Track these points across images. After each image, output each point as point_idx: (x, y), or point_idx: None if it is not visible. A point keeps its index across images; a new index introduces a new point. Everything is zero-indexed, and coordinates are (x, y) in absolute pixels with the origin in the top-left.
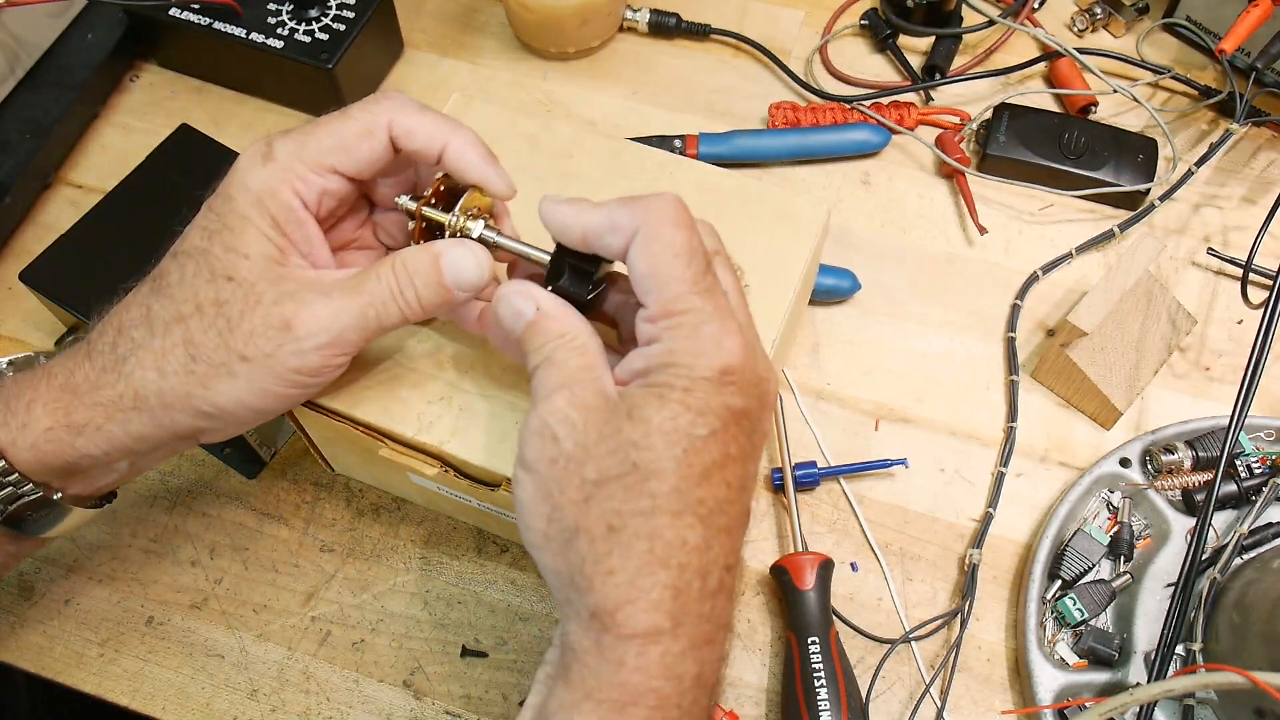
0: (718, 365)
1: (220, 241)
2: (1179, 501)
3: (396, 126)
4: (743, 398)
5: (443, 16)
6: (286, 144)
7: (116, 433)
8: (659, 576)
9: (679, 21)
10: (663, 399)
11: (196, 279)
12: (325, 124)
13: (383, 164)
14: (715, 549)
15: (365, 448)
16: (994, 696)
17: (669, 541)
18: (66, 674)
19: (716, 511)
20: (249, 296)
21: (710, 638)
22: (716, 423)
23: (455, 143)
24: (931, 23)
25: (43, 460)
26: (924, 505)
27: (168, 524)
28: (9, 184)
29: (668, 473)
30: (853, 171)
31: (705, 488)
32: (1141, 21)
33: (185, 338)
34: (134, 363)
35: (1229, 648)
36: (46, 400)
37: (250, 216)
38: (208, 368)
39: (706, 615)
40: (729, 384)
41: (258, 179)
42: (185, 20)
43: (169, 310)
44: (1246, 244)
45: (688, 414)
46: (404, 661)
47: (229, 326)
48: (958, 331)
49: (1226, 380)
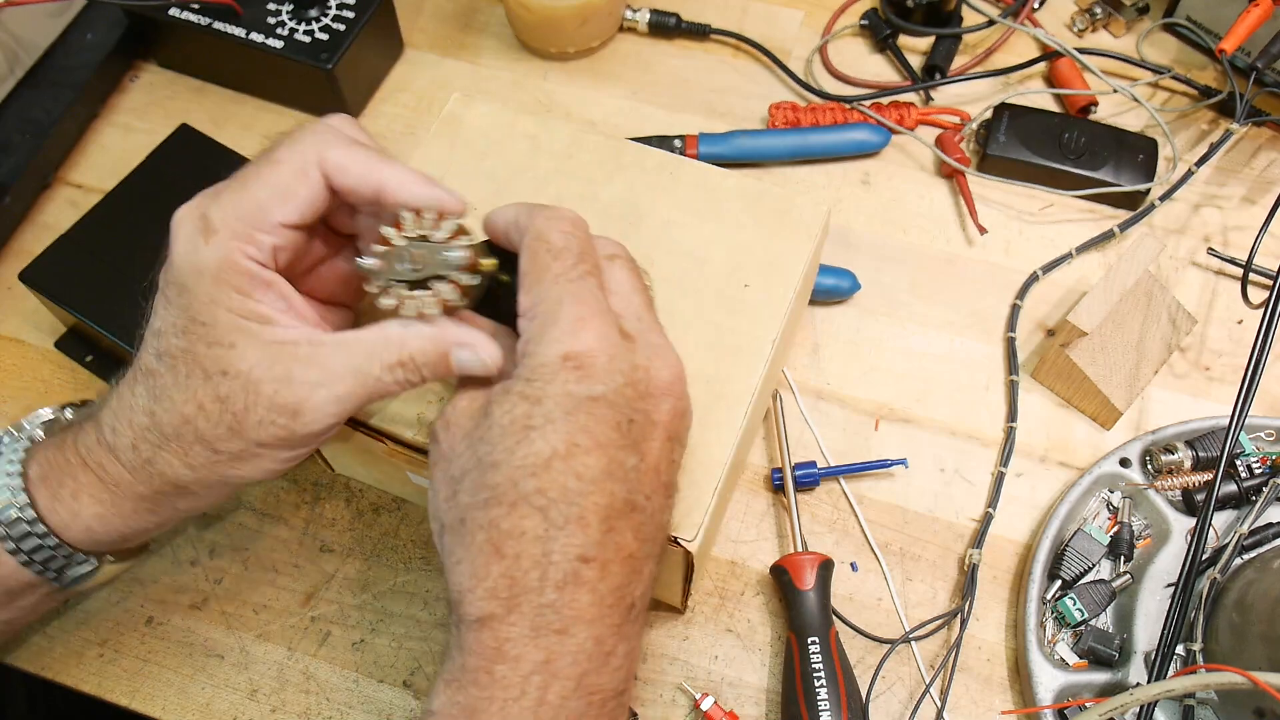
0: (560, 351)
1: (200, 338)
2: (1179, 501)
3: (327, 164)
4: (596, 383)
5: (443, 16)
6: (221, 209)
7: (165, 510)
8: (494, 566)
9: (679, 21)
10: (506, 391)
11: (191, 380)
12: (255, 175)
13: (324, 204)
14: (561, 539)
15: (365, 448)
16: (994, 696)
17: (506, 532)
18: (66, 674)
19: (561, 502)
20: (248, 389)
21: (560, 629)
22: (556, 411)
23: (392, 177)
24: (931, 23)
25: (95, 539)
26: (924, 505)
27: None
28: (9, 184)
29: (503, 464)
30: (853, 171)
31: (544, 477)
32: (1141, 21)
33: (198, 436)
34: (162, 463)
35: (1229, 648)
36: (91, 492)
37: (217, 300)
38: (229, 456)
39: (551, 605)
40: (574, 369)
41: (206, 258)
42: (185, 20)
43: (173, 414)
44: (1246, 244)
45: (524, 404)
46: (404, 661)
47: (236, 420)
48: (958, 331)
49: (1226, 380)
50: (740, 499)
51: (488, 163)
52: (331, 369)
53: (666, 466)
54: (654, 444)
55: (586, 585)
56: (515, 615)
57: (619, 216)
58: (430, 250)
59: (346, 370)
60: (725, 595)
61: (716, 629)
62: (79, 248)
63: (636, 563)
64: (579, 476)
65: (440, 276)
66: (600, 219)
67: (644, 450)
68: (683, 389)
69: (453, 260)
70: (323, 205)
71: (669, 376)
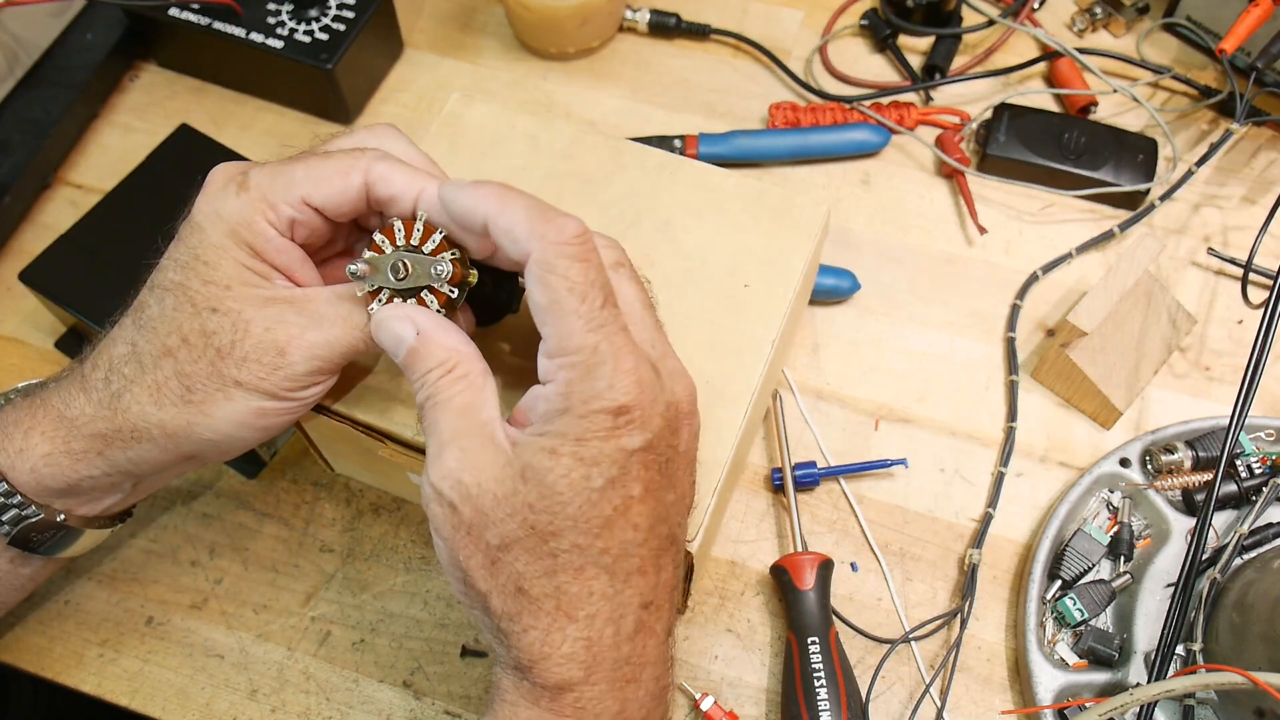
0: (611, 408)
1: (197, 275)
2: (1179, 501)
3: (373, 173)
4: (643, 432)
5: (443, 16)
6: (260, 174)
7: (117, 458)
8: (569, 631)
9: (679, 21)
10: (555, 454)
11: (178, 313)
12: (303, 157)
13: (354, 206)
14: (627, 592)
15: (365, 448)
16: (994, 696)
17: (575, 596)
18: (66, 674)
19: (623, 556)
20: (237, 325)
21: (632, 678)
22: (614, 470)
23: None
24: (931, 23)
25: (42, 483)
26: (924, 505)
27: (167, 524)
28: (9, 184)
29: (566, 531)
30: (853, 171)
31: (607, 537)
32: (1141, 21)
33: (176, 370)
34: (129, 398)
35: (1229, 648)
36: (44, 428)
37: (225, 247)
38: (203, 395)
39: (625, 658)
40: (625, 424)
41: (231, 208)
42: (185, 20)
43: (155, 345)
44: (1246, 244)
45: (581, 467)
46: (404, 661)
47: (219, 355)
48: (958, 331)
49: (1226, 380)
50: (740, 499)
51: (488, 163)
52: (321, 314)
53: (691, 490)
54: (682, 473)
55: (649, 630)
56: (596, 676)
57: (619, 216)
58: (419, 261)
59: (336, 316)
60: (725, 595)
61: (716, 629)
62: (79, 248)
63: (674, 593)
64: (635, 528)
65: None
66: (600, 219)
67: (676, 482)
68: (696, 409)
69: (439, 273)
70: (352, 207)
71: (688, 402)
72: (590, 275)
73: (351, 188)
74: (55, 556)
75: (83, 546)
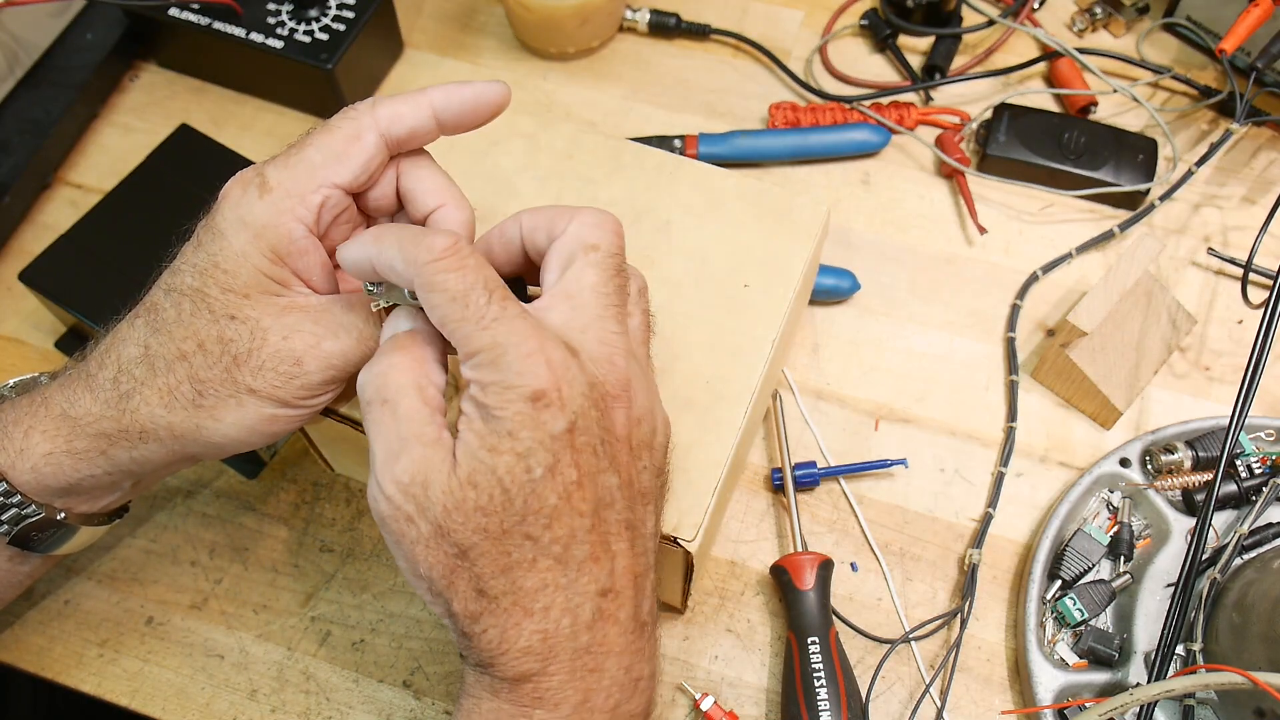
0: (527, 394)
1: (216, 282)
2: (1179, 501)
3: (382, 121)
4: (564, 414)
5: (443, 16)
6: (279, 171)
7: (120, 458)
8: (525, 625)
9: (679, 21)
10: (495, 452)
11: (196, 319)
12: (312, 140)
13: (376, 165)
14: (581, 580)
15: (365, 448)
16: (994, 696)
17: (529, 590)
18: (66, 674)
19: (572, 543)
20: (255, 334)
21: (594, 667)
22: (548, 456)
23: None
24: (931, 23)
25: (43, 482)
26: (924, 505)
27: (167, 524)
28: (9, 184)
29: (514, 528)
30: (853, 171)
31: (557, 526)
32: (1141, 21)
33: (190, 375)
34: (139, 400)
35: (1229, 648)
36: (45, 428)
37: (247, 254)
38: (216, 400)
39: (584, 648)
40: (545, 408)
41: (256, 213)
42: (185, 20)
43: (169, 349)
44: (1246, 244)
45: (519, 461)
46: (404, 661)
47: (235, 362)
48: (958, 331)
49: (1226, 380)
50: (740, 499)
51: (488, 163)
52: (337, 324)
53: (639, 476)
54: (624, 457)
55: (610, 618)
56: (554, 666)
57: (619, 216)
58: None
59: (352, 326)
60: (725, 595)
61: (716, 629)
62: (79, 248)
63: (641, 580)
64: (580, 513)
65: None
66: None
67: (618, 466)
68: (629, 395)
69: None
70: (376, 166)
71: (616, 386)
72: (467, 279)
73: (369, 149)
74: (52, 554)
75: (79, 543)
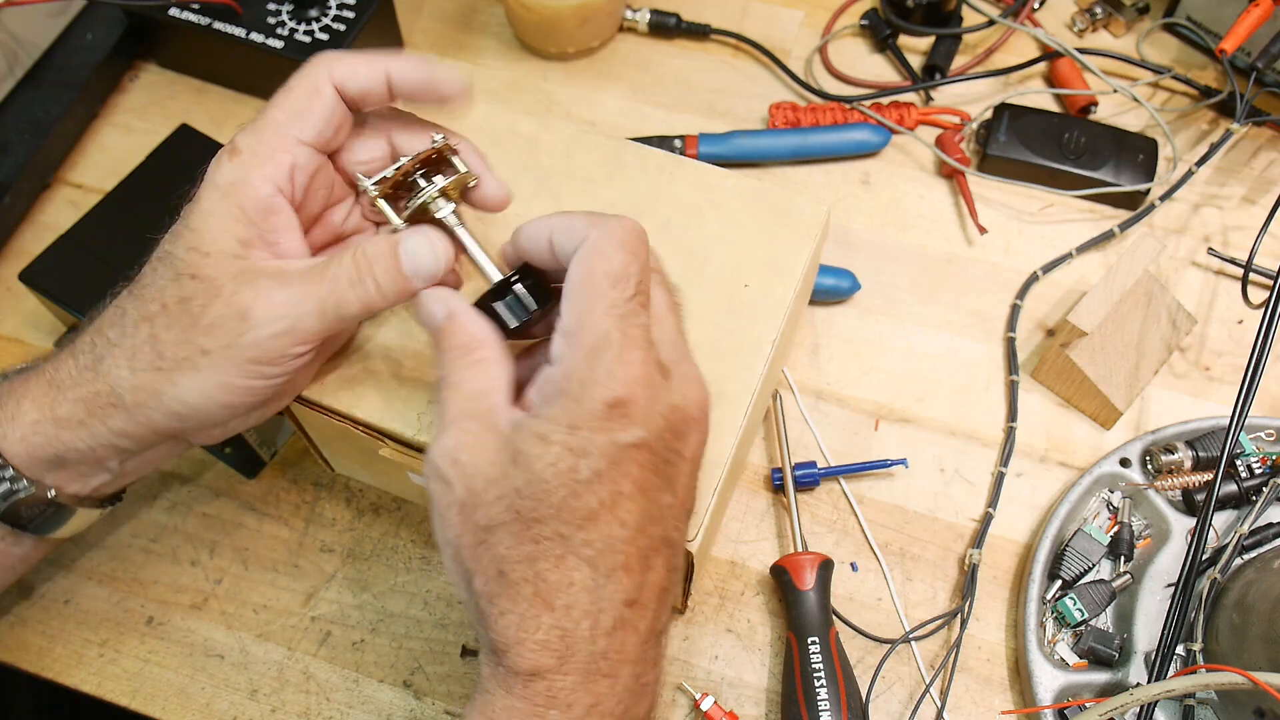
0: (607, 398)
1: (182, 242)
2: (1179, 501)
3: (336, 76)
4: (639, 429)
5: (443, 16)
6: (247, 135)
7: (99, 429)
8: (544, 619)
9: (679, 21)
10: (546, 441)
11: (162, 279)
12: (275, 101)
13: (339, 121)
14: (609, 588)
15: (365, 448)
16: (994, 696)
17: (554, 584)
18: (66, 674)
19: (607, 551)
20: (209, 290)
21: (609, 673)
22: (603, 463)
23: (395, 66)
24: (931, 23)
25: (31, 452)
26: (924, 505)
27: (168, 524)
28: (9, 184)
29: (549, 519)
30: (853, 171)
31: (591, 529)
32: (1141, 21)
33: (151, 335)
34: (109, 362)
35: (1229, 648)
36: (34, 395)
37: (214, 211)
38: (172, 363)
39: (601, 653)
40: (620, 418)
41: (225, 174)
42: (185, 20)
43: (138, 309)
44: (1246, 244)
45: (569, 457)
46: (404, 661)
47: (191, 321)
48: (958, 331)
49: (1226, 380)
50: (740, 499)
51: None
52: (289, 277)
53: (692, 496)
54: (683, 478)
55: (631, 628)
56: (569, 666)
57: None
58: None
59: (305, 278)
60: (725, 595)
61: (716, 629)
62: (79, 248)
63: (666, 594)
64: (623, 524)
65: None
66: None
67: (676, 486)
68: (707, 418)
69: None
70: (338, 120)
71: (699, 409)
72: (629, 268)
73: (328, 103)
74: (47, 537)
75: (74, 527)
